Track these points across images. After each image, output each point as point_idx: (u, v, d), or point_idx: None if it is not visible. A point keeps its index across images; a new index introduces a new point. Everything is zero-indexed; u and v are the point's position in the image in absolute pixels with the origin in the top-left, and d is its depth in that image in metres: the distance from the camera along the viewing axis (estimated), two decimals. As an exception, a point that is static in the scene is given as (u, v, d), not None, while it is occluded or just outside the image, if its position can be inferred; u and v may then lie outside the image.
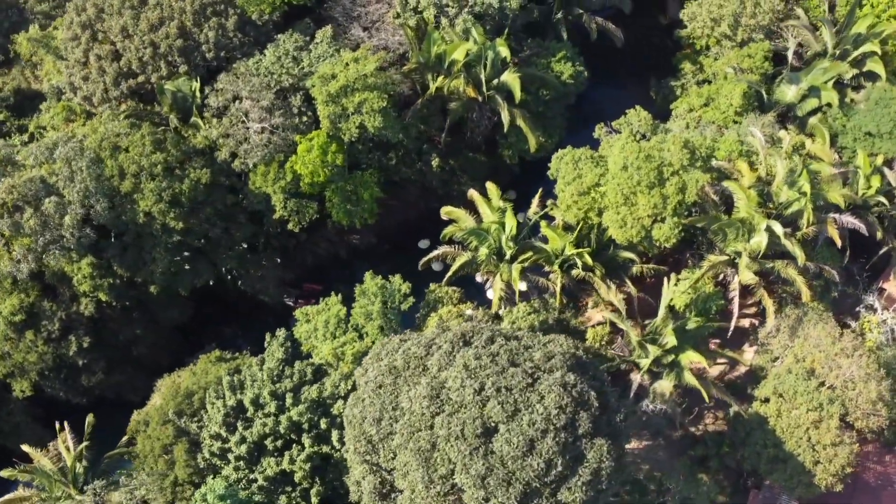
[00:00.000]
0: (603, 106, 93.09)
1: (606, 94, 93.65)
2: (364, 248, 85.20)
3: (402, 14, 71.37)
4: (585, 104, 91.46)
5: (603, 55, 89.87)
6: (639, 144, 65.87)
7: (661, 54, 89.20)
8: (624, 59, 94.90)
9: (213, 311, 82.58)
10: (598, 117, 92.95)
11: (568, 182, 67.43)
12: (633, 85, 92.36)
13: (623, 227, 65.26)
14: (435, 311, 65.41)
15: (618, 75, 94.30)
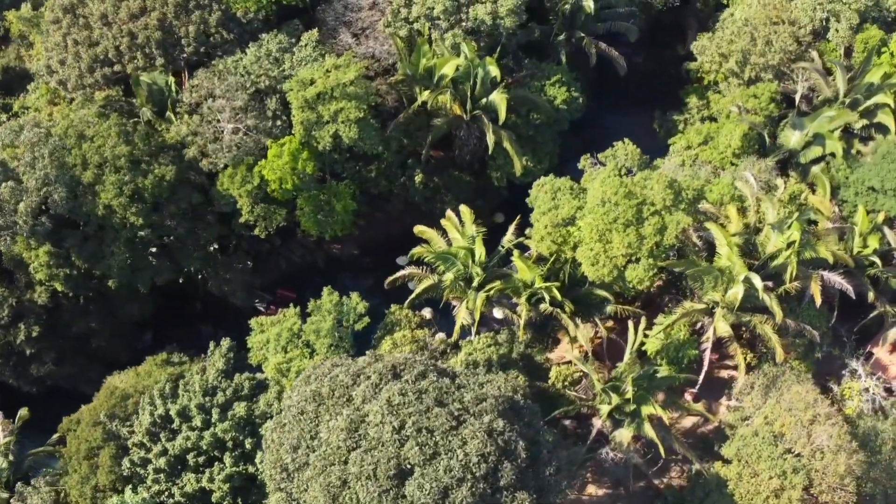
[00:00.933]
0: (608, 134, 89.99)
1: (614, 121, 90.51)
2: (345, 258, 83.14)
3: (393, 23, 69.02)
4: (590, 131, 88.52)
5: (614, 82, 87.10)
6: (621, 179, 62.81)
7: (673, 85, 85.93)
8: (636, 88, 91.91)
9: (189, 311, 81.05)
10: (600, 145, 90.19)
11: (543, 212, 64.58)
12: (641, 115, 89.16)
13: (595, 264, 62.20)
14: (391, 335, 62.90)
15: (628, 104, 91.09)
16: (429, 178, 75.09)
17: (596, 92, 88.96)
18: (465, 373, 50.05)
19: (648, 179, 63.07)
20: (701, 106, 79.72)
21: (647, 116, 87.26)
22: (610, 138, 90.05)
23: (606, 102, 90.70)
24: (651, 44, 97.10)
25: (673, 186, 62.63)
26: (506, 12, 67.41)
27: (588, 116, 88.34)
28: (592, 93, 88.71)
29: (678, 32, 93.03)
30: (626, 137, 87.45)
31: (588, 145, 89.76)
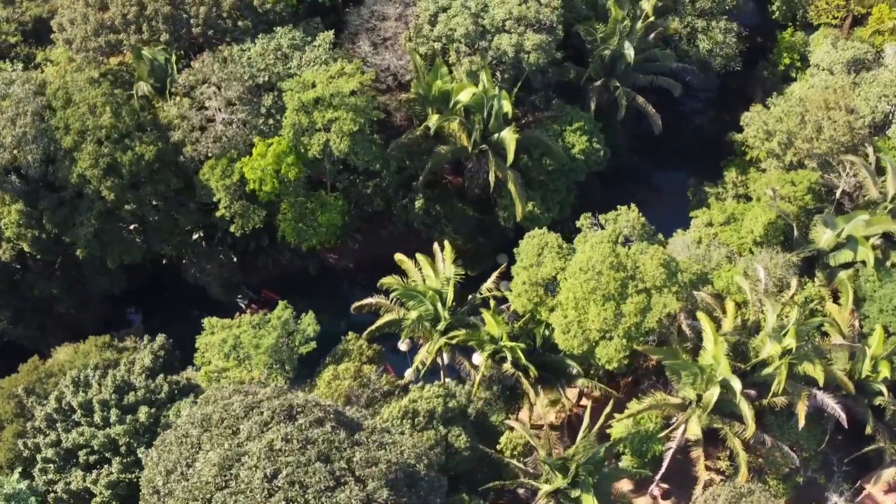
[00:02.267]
0: (644, 190, 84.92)
1: (657, 179, 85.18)
2: (340, 271, 79.75)
3: (415, 38, 65.27)
4: (626, 184, 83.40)
5: (668, 138, 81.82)
6: (613, 247, 57.63)
7: (719, 151, 79.94)
8: (689, 148, 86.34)
9: (179, 294, 78.87)
10: (631, 201, 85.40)
11: (525, 266, 59.83)
12: (678, 177, 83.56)
13: (566, 332, 57.15)
14: (336, 365, 59.10)
15: (677, 163, 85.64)
16: (431, 205, 71.07)
17: (644, 146, 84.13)
18: (372, 428, 45.82)
19: (644, 253, 57.69)
20: (738, 182, 73.63)
21: (683, 180, 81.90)
22: (644, 196, 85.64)
23: (654, 158, 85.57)
24: (719, 105, 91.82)
25: (669, 266, 57.11)
26: (531, 47, 62.89)
27: (630, 169, 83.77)
28: (640, 146, 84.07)
29: (744, 98, 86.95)
30: (663, 198, 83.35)
31: (620, 199, 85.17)
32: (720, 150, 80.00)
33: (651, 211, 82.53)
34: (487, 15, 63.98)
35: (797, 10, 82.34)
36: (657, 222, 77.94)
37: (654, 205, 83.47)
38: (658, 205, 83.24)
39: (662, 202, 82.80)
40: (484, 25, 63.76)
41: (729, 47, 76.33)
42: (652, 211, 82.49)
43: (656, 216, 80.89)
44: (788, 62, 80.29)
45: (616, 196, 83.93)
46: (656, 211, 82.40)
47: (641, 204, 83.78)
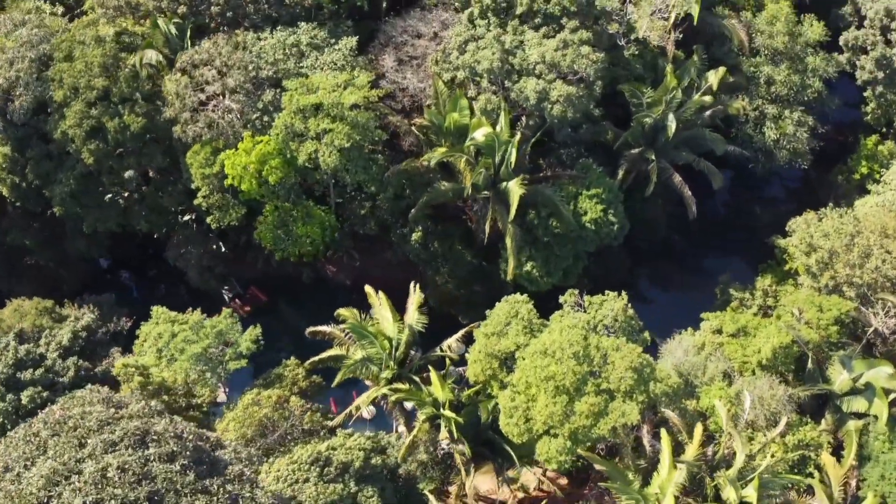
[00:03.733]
0: (665, 272, 78.21)
1: (684, 262, 78.14)
2: (334, 285, 75.63)
3: (441, 63, 60.49)
4: (658, 260, 77.05)
5: (703, 219, 75.08)
6: (586, 336, 51.54)
7: (767, 250, 72.31)
8: (728, 234, 78.93)
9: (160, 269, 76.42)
10: (646, 281, 78.46)
11: (487, 334, 54.29)
12: (715, 267, 76.17)
13: (510, 417, 51.38)
14: (266, 389, 54.97)
15: (708, 248, 78.38)
16: (430, 240, 66.20)
17: (686, 225, 77.04)
18: (236, 475, 41.30)
19: (617, 350, 51.33)
20: (770, 291, 65.94)
21: (714, 273, 74.51)
22: (671, 280, 78.78)
23: (694, 240, 78.42)
24: (786, 200, 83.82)
25: (641, 371, 50.65)
26: (556, 97, 57.23)
27: (664, 247, 77.09)
28: (681, 226, 76.92)
29: (813, 199, 78.74)
30: (691, 286, 76.15)
31: (644, 278, 78.61)
32: (768, 250, 72.49)
33: (673, 298, 76.84)
34: (520, 54, 58.65)
35: (894, 116, 73.84)
36: (675, 312, 71.89)
37: (679, 292, 77.34)
38: (683, 293, 76.80)
39: (688, 291, 75.98)
40: (513, 64, 58.42)
41: (799, 142, 68.65)
42: (674, 298, 76.80)
43: (677, 305, 74.85)
44: (866, 172, 71.93)
45: (641, 273, 78.19)
46: (679, 299, 76.19)
47: (666, 289, 78.43)
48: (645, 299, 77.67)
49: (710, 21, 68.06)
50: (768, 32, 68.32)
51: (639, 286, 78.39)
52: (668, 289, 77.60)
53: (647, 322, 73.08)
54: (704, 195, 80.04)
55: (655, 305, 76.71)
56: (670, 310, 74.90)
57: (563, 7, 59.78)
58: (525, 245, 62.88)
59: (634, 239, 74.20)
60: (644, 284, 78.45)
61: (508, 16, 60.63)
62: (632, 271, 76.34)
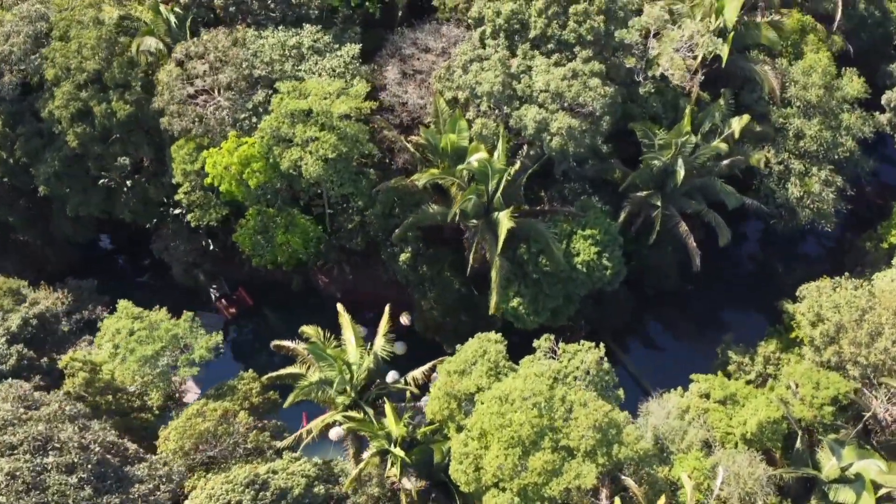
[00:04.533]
0: (670, 321, 74.17)
1: (692, 312, 73.92)
2: (326, 295, 73.20)
3: (443, 81, 57.68)
4: (664, 306, 73.05)
5: (719, 270, 71.12)
6: (552, 387, 48.21)
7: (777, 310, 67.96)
8: (745, 290, 74.45)
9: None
10: (647, 329, 74.35)
11: (449, 371, 51.26)
12: (726, 321, 71.98)
13: (460, 463, 48.24)
14: (216, 400, 52.68)
15: (721, 302, 74.06)
16: (419, 262, 63.43)
17: (702, 275, 72.81)
18: (140, 496, 38.99)
19: (584, 405, 47.86)
20: (772, 359, 61.60)
21: (722, 328, 70.36)
22: (675, 331, 74.67)
23: (707, 291, 73.99)
24: (816, 259, 79.01)
25: (606, 431, 47.14)
26: (556, 129, 54.00)
27: (674, 296, 72.89)
28: (695, 275, 72.74)
29: (838, 265, 73.98)
30: (694, 340, 71.95)
31: (645, 325, 74.54)
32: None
33: (675, 351, 72.78)
34: (525, 80, 55.54)
35: (934, 184, 69.07)
36: (674, 365, 68.34)
37: (683, 344, 73.33)
38: (687, 346, 72.82)
39: (693, 345, 71.82)
40: (515, 89, 55.34)
41: (825, 203, 64.12)
42: (676, 351, 72.74)
43: (677, 358, 70.89)
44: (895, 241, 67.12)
45: (646, 321, 74.24)
46: (681, 352, 72.19)
47: (670, 340, 74.34)
48: (646, 348, 73.94)
49: (742, 65, 64.03)
50: (802, 83, 64.04)
51: (641, 334, 74.60)
52: (672, 340, 73.55)
53: (644, 372, 70.19)
54: (730, 246, 76.56)
55: (655, 356, 72.90)
56: (669, 363, 71.07)
57: (579, 35, 56.56)
58: (514, 280, 59.66)
59: (642, 285, 70.82)
60: (647, 333, 74.56)
61: (522, 38, 57.59)
62: (637, 318, 72.63)
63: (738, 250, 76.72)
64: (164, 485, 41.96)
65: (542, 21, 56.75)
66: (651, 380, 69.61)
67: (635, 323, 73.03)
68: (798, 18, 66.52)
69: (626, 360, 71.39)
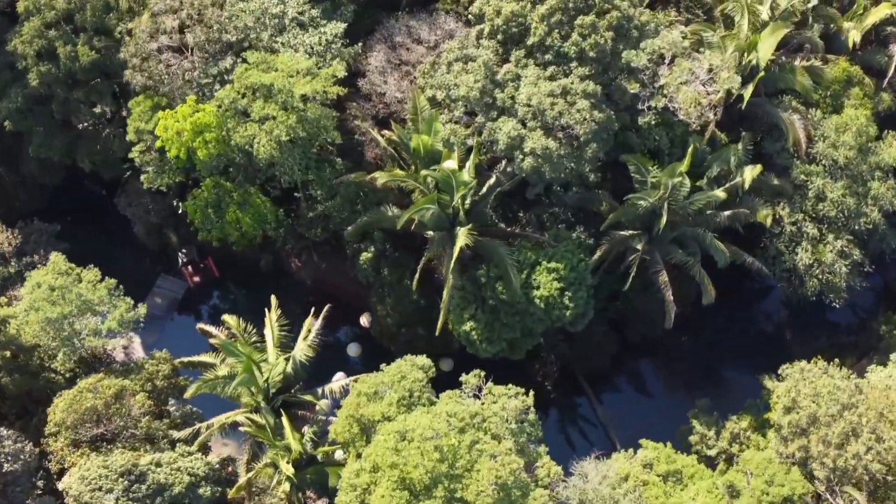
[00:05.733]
0: (651, 373, 68.35)
1: (676, 367, 67.92)
2: (297, 280, 69.51)
3: (426, 77, 53.00)
4: (638, 358, 67.58)
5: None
6: (465, 430, 43.56)
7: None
8: (740, 352, 68.05)
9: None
10: (621, 378, 68.44)
11: (359, 392, 46.95)
12: (709, 382, 65.85)
13: (346, 495, 44.01)
14: (118, 377, 49.47)
15: (712, 360, 67.75)
16: (382, 264, 59.29)
17: (697, 328, 66.88)
18: None
19: (493, 458, 43.06)
20: (742, 437, 55.52)
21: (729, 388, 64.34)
22: (652, 384, 68.76)
23: (698, 347, 67.89)
24: (835, 329, 71.83)
25: (508, 489, 42.32)
26: (529, 149, 48.91)
27: (659, 345, 66.87)
28: (690, 327, 66.51)
29: (850, 347, 67.06)
30: (671, 397, 66.02)
31: (620, 373, 68.64)
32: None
33: (650, 405, 67.41)
34: (509, 89, 50.50)
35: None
36: (645, 421, 63.07)
37: (660, 399, 67.94)
38: (664, 401, 67.26)
39: (672, 400, 66.11)
40: (496, 98, 50.35)
41: (836, 276, 57.51)
42: (651, 405, 67.42)
43: (650, 414, 65.49)
44: (912, 331, 60.07)
45: (625, 366, 68.42)
46: (656, 407, 66.77)
47: (650, 391, 68.71)
48: (623, 397, 68.15)
49: (769, 110, 57.60)
50: (833, 140, 57.27)
51: (620, 380, 68.99)
52: (653, 393, 67.92)
53: (617, 422, 64.47)
54: (751, 298, 70.05)
55: (631, 406, 67.15)
56: (644, 417, 65.40)
57: (581, 49, 51.20)
58: (472, 302, 54.95)
59: (628, 329, 65.22)
60: (627, 380, 68.98)
61: (518, 44, 52.51)
62: (619, 362, 66.98)
63: (748, 306, 70.38)
64: (9, 463, 39.06)
65: (543, 28, 51.58)
66: (622, 432, 64.45)
67: (616, 367, 67.46)
68: (844, 68, 59.52)
69: (598, 406, 66.10)
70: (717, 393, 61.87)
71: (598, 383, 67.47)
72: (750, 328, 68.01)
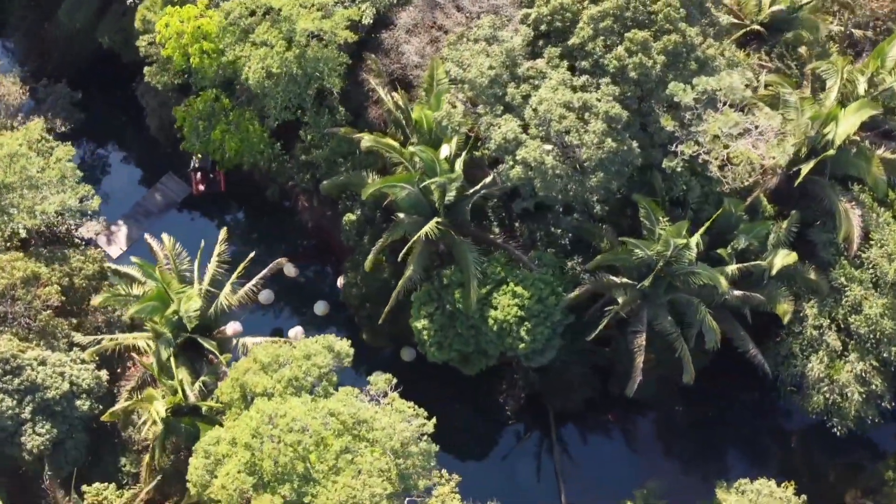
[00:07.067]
0: (621, 429, 61.89)
1: (649, 429, 61.43)
2: (301, 218, 65.85)
3: (450, 49, 47.73)
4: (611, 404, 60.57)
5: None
6: (343, 434, 39.42)
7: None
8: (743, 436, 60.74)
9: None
10: (592, 428, 62.08)
11: (255, 358, 43.14)
12: (682, 460, 59.25)
13: (199, 459, 40.57)
14: (38, 261, 47.26)
15: (697, 440, 60.67)
16: (365, 229, 55.05)
17: (696, 404, 60.16)
18: None
19: (358, 475, 38.65)
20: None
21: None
22: (639, 439, 62.02)
23: (707, 418, 60.87)
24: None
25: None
26: (521, 158, 43.37)
27: (657, 407, 60.33)
28: (692, 400, 59.98)
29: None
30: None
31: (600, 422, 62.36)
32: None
33: (612, 468, 60.72)
34: (524, 87, 44.88)
35: None
36: (601, 485, 57.46)
37: (614, 461, 61.04)
38: (618, 463, 60.59)
39: (623, 465, 59.74)
40: (506, 92, 44.84)
41: (847, 401, 50.05)
42: (613, 469, 60.69)
43: (609, 479, 59.15)
44: (913, 488, 51.90)
45: (601, 417, 61.85)
46: (615, 473, 60.03)
47: (617, 452, 62.05)
48: (588, 450, 61.68)
49: (828, 194, 49.90)
50: (890, 251, 49.24)
51: (592, 431, 62.40)
52: (610, 450, 61.52)
53: (571, 476, 58.61)
54: (756, 388, 62.43)
55: (593, 464, 60.56)
56: (588, 470, 59.45)
57: (622, 66, 44.96)
58: (434, 300, 50.21)
59: (611, 379, 58.94)
60: (599, 433, 62.34)
61: (558, 42, 46.68)
62: (596, 409, 60.73)
63: (751, 396, 62.64)
64: None
65: (588, 30, 45.52)
66: (570, 484, 59.00)
67: (588, 412, 61.34)
68: (932, 168, 51.06)
69: (557, 452, 60.42)
70: (675, 479, 55.58)
71: (569, 425, 61.83)
72: (742, 423, 60.47)
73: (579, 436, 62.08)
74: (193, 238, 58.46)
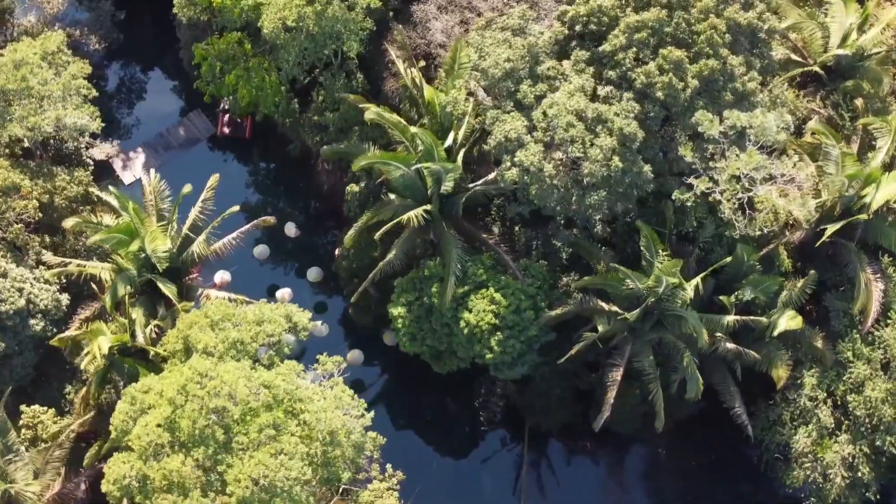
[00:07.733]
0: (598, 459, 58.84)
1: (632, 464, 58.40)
2: (319, 179, 64.02)
3: (480, 32, 45.14)
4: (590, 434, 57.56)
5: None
6: (276, 408, 37.78)
7: None
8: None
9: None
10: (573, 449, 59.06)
11: (205, 313, 41.65)
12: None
13: (126, 404, 39.38)
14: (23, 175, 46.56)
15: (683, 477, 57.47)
16: (367, 204, 53.09)
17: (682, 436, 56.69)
18: None
19: (281, 454, 36.95)
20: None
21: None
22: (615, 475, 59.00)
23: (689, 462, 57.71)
24: None
25: (275, 495, 36.32)
26: (519, 160, 40.74)
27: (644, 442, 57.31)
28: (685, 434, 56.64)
29: None
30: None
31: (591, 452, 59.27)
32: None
33: (570, 492, 57.95)
34: (540, 86, 42.17)
35: None
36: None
37: (581, 492, 57.94)
38: (584, 494, 57.46)
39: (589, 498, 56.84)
40: (520, 88, 42.17)
41: (828, 483, 46.54)
42: (570, 492, 57.93)
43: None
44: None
45: (568, 437, 58.82)
46: (574, 496, 57.35)
47: (590, 484, 58.88)
48: (558, 475, 58.89)
49: (851, 259, 46.16)
50: (906, 331, 45.36)
51: (568, 455, 59.56)
52: (578, 479, 58.69)
53: (533, 491, 56.29)
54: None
55: (549, 479, 57.92)
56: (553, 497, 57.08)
57: (650, 83, 41.87)
58: (415, 290, 48.12)
59: (592, 406, 55.95)
60: (563, 451, 59.16)
61: (588, 45, 43.77)
62: (567, 431, 57.87)
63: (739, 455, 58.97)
64: None
65: (622, 39, 42.50)
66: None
67: (570, 439, 58.55)
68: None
69: (524, 470, 57.90)
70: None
71: (538, 441, 59.13)
72: (725, 481, 56.89)
73: (552, 457, 59.36)
74: (205, 179, 57.81)
